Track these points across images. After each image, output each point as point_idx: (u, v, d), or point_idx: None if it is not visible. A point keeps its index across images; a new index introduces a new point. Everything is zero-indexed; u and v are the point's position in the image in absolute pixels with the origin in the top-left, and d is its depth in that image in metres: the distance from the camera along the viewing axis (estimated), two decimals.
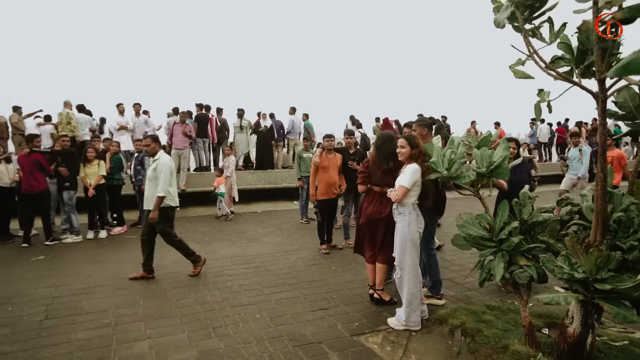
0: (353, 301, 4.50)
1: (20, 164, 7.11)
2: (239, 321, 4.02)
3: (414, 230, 3.80)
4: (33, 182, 7.01)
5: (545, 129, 17.21)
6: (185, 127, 10.85)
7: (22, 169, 7.09)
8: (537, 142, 17.31)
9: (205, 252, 6.60)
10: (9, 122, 10.19)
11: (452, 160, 3.57)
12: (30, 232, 7.29)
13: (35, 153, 7.11)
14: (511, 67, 3.30)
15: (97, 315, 4.22)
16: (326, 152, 6.49)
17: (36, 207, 7.17)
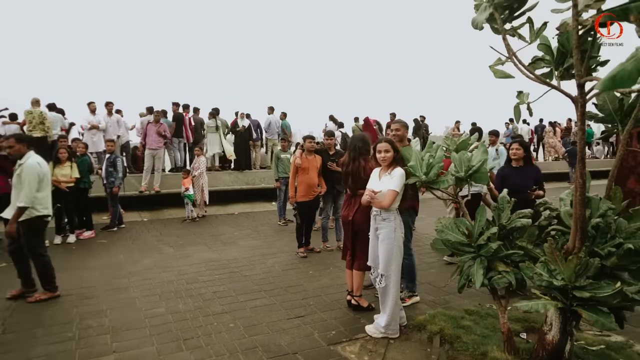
0: (330, 307, 4.39)
1: None
2: (211, 332, 3.85)
3: (399, 235, 3.71)
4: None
5: (526, 129, 17.49)
6: (160, 126, 10.56)
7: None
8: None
9: (179, 256, 6.41)
10: None
11: (431, 165, 3.48)
12: None
13: None
14: (491, 67, 3.24)
15: (60, 327, 3.99)
16: (306, 153, 6.38)
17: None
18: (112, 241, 7.48)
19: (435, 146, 3.76)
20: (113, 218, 8.32)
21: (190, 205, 9.39)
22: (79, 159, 7.67)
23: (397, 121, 4.43)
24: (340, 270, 5.62)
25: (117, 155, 8.27)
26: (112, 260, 6.28)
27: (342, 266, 5.77)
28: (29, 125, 9.42)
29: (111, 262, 6.15)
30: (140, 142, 10.95)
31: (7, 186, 6.81)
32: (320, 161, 6.47)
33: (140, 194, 10.31)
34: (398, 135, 4.28)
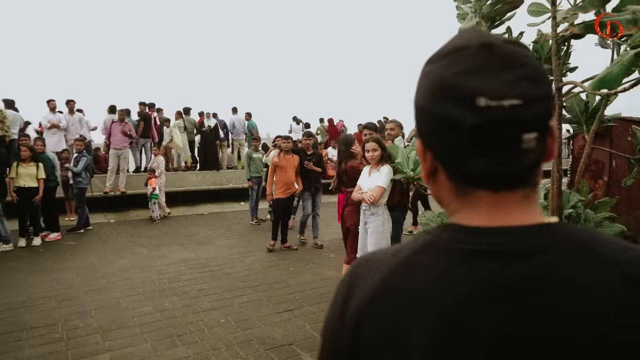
0: (317, 301, 4.53)
1: None
2: (203, 327, 3.90)
3: (387, 229, 3.91)
4: None
5: None
6: (125, 125, 10.30)
7: None
8: None
9: (155, 256, 6.34)
10: None
11: (417, 162, 3.71)
12: None
13: None
14: None
15: (44, 329, 3.90)
16: (284, 152, 6.57)
17: None
18: (81, 243, 7.26)
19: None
20: (80, 219, 8.05)
21: (156, 205, 9.25)
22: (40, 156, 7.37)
23: (392, 121, 4.65)
24: (320, 266, 5.77)
25: (84, 154, 8.01)
26: (84, 262, 6.12)
27: (322, 262, 5.95)
28: None
29: (84, 264, 6.00)
30: (105, 141, 10.63)
31: None
32: (298, 160, 6.66)
33: (105, 194, 10.01)
34: (392, 135, 4.49)
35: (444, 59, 0.56)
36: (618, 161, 5.96)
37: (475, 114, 0.52)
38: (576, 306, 0.51)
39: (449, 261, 0.56)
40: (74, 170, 7.82)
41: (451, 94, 0.54)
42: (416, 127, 0.62)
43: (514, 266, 0.53)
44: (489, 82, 0.52)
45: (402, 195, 4.26)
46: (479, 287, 0.53)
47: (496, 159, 0.54)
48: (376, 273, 0.60)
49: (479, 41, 0.55)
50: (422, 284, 0.56)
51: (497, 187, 0.56)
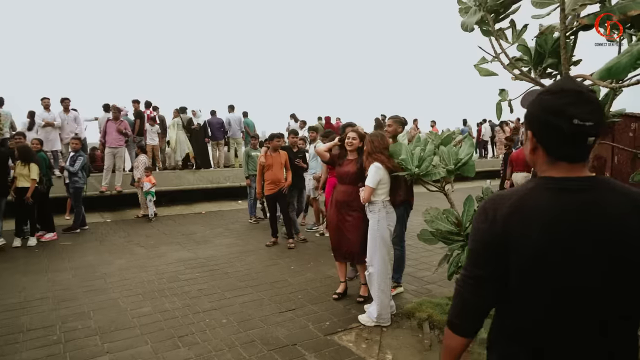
0: (319, 300, 4.47)
1: None
2: (205, 328, 3.83)
3: (383, 227, 3.85)
4: None
5: (488, 127, 18.42)
6: (120, 124, 10.18)
7: None
8: (480, 140, 18.52)
9: (153, 256, 6.26)
10: None
11: (422, 158, 3.65)
12: None
13: None
14: (476, 66, 3.45)
15: (42, 331, 3.82)
16: (271, 150, 6.70)
17: None
18: (78, 243, 7.16)
19: (424, 140, 3.95)
20: (76, 219, 7.94)
21: (152, 203, 9.17)
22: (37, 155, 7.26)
23: (391, 117, 4.58)
24: (321, 265, 5.71)
25: (81, 153, 7.89)
26: (81, 262, 6.03)
27: (323, 261, 5.89)
28: None
29: (81, 264, 5.90)
30: (100, 140, 10.49)
31: None
32: (286, 157, 6.81)
33: (101, 194, 9.89)
34: (390, 132, 4.42)
35: (556, 95, 1.15)
36: (620, 157, 5.94)
37: (571, 127, 1.10)
38: (608, 218, 1.11)
39: (548, 194, 1.15)
40: (71, 169, 7.70)
41: (560, 114, 1.11)
42: (528, 126, 1.22)
43: (579, 195, 1.14)
44: (580, 111, 1.09)
45: (406, 192, 4.20)
46: (562, 206, 1.13)
47: (575, 148, 1.15)
48: (509, 200, 1.19)
49: (575, 89, 1.14)
50: (535, 204, 1.15)
51: (572, 160, 1.16)
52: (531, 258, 1.12)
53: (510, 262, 1.15)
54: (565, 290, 1.11)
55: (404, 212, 4.44)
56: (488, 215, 1.20)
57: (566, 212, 1.12)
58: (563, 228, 1.11)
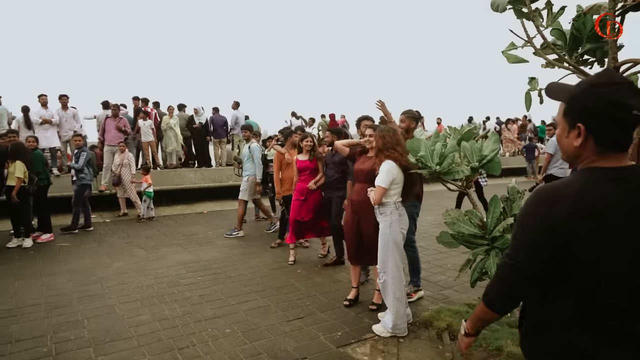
0: (329, 307, 4.18)
1: None
2: (207, 339, 3.54)
3: (396, 231, 3.55)
4: None
5: (494, 125, 18.06)
6: (119, 121, 9.91)
7: None
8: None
9: (153, 258, 5.98)
10: None
11: (443, 155, 3.35)
12: None
13: None
14: (504, 52, 3.16)
15: (31, 342, 3.53)
16: (289, 147, 6.40)
17: None
18: (75, 244, 6.88)
19: (443, 135, 3.66)
20: (75, 219, 7.66)
21: (149, 202, 8.92)
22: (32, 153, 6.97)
23: (403, 112, 4.29)
24: (329, 269, 5.42)
25: (84, 149, 7.62)
26: (78, 265, 5.75)
27: (329, 265, 5.59)
28: None
29: (78, 267, 5.62)
30: (99, 138, 10.23)
31: None
32: None
33: (101, 193, 9.64)
34: (402, 127, 4.13)
35: (612, 87, 1.19)
36: None
37: (632, 118, 1.17)
38: None
39: (601, 182, 1.20)
40: (75, 167, 7.45)
41: (623, 106, 1.17)
42: (579, 119, 1.23)
43: (625, 182, 1.20)
44: (636, 102, 1.17)
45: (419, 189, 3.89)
46: (614, 192, 1.18)
47: (628, 138, 1.23)
48: (568, 192, 1.20)
49: (625, 80, 1.21)
50: (600, 196, 1.18)
51: (623, 150, 1.23)
52: (610, 249, 1.16)
53: (577, 255, 1.18)
54: None
55: (413, 209, 4.15)
56: (547, 209, 1.20)
57: (633, 200, 1.17)
58: (616, 210, 1.16)
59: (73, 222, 7.65)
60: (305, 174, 5.58)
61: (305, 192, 5.52)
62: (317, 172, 5.56)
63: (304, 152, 5.60)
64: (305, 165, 5.57)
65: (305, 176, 5.56)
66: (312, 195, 5.54)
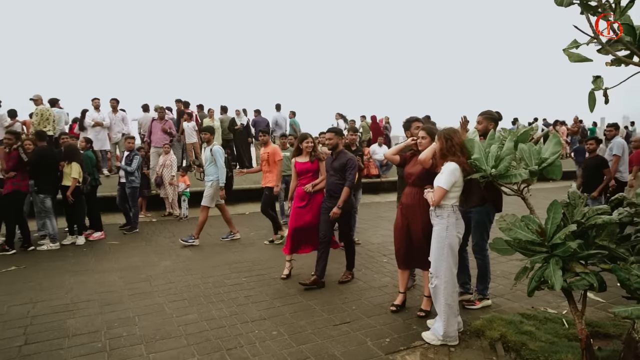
0: (375, 312, 4.10)
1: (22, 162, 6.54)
2: (254, 340, 3.54)
3: (452, 234, 3.42)
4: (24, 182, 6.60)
5: (541, 127, 17.44)
6: (165, 123, 10.21)
7: (21, 167, 6.54)
8: None
9: (198, 258, 6.10)
10: None
11: (499, 157, 3.21)
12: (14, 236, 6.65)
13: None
14: (565, 51, 2.99)
15: (87, 337, 3.66)
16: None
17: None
18: (124, 243, 7.12)
19: (498, 137, 3.51)
20: (134, 218, 7.94)
21: (186, 203, 9.16)
22: (83, 154, 7.29)
23: (481, 113, 4.13)
24: (373, 272, 5.34)
25: (136, 152, 7.88)
26: (127, 263, 5.94)
27: (374, 268, 5.52)
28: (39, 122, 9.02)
29: (127, 265, 5.81)
30: (145, 140, 10.57)
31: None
32: None
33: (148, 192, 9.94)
34: (480, 130, 3.98)
35: None
36: None
37: None
38: None
39: None
40: (128, 169, 7.70)
41: None
42: None
43: None
44: None
45: (486, 193, 3.70)
46: None
47: None
48: None
49: None
50: None
51: None
52: None
53: None
54: None
55: (485, 217, 4.00)
56: None
57: None
58: None
59: (133, 221, 7.93)
60: (307, 177, 5.14)
61: (307, 198, 5.06)
62: (318, 175, 5.17)
63: (304, 154, 5.21)
64: (306, 168, 5.16)
65: (307, 179, 5.13)
66: (314, 199, 5.05)
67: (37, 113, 9.26)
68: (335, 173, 4.80)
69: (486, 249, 4.10)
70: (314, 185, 5.05)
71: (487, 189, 3.69)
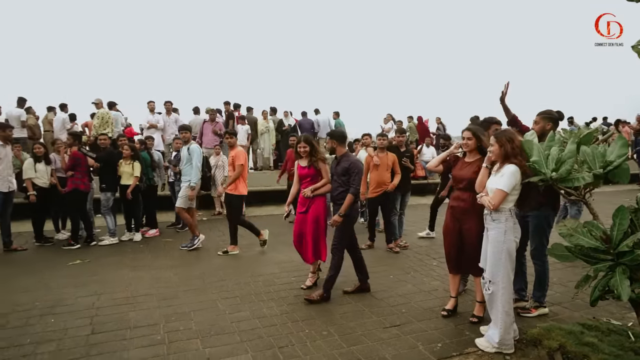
0: (426, 317, 4.05)
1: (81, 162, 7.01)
2: (305, 339, 3.59)
3: (510, 239, 3.33)
4: (84, 180, 7.08)
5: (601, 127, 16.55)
6: (216, 125, 10.52)
7: (79, 167, 6.99)
8: None
9: (247, 257, 6.27)
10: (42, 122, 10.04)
11: (560, 160, 3.09)
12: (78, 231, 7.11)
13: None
14: (634, 47, 2.85)
15: (147, 329, 3.85)
16: (378, 151, 6.51)
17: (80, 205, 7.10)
18: (178, 240, 7.41)
19: (558, 138, 3.37)
20: None
21: None
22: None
23: (539, 113, 4.00)
24: (422, 275, 5.27)
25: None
26: (181, 260, 6.18)
27: (423, 271, 5.45)
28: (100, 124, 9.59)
29: (181, 262, 6.05)
30: (197, 141, 10.94)
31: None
32: (394, 158, 6.51)
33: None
34: (537, 130, 3.86)
35: None
36: None
37: None
38: None
39: None
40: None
41: None
42: None
43: None
44: None
45: (544, 196, 3.58)
46: None
47: None
48: None
49: None
50: None
51: None
52: None
53: None
54: None
55: (543, 222, 3.87)
56: None
57: None
58: None
59: (177, 219, 8.27)
60: (305, 182, 4.81)
61: (307, 203, 4.75)
62: (317, 180, 4.77)
63: (304, 157, 4.85)
64: (305, 172, 4.81)
65: (305, 184, 4.81)
66: (314, 206, 4.74)
67: (98, 116, 9.84)
68: (338, 178, 4.53)
69: (545, 255, 3.95)
70: (313, 189, 4.72)
71: (545, 193, 3.56)
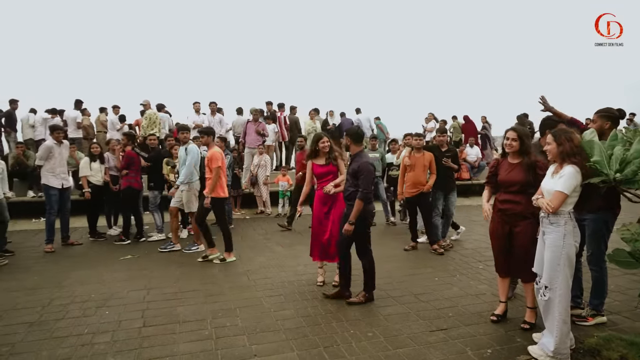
0: (474, 321, 3.93)
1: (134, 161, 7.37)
2: (350, 340, 3.57)
3: (570, 243, 3.16)
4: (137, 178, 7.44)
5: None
6: (259, 125, 10.67)
7: (133, 166, 7.35)
8: None
9: (290, 256, 6.32)
10: (95, 122, 10.53)
11: (625, 160, 2.91)
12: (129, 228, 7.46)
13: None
14: None
15: (195, 324, 3.95)
16: (415, 151, 6.49)
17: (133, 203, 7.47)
18: (221, 238, 7.53)
19: (621, 137, 3.18)
20: (228, 215, 8.45)
21: (283, 201, 9.70)
22: None
23: (597, 111, 3.79)
24: (468, 279, 5.13)
25: (227, 152, 8.38)
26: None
27: (470, 274, 5.31)
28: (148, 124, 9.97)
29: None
30: (240, 140, 11.15)
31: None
32: (431, 158, 6.43)
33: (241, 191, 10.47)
34: (595, 129, 3.66)
35: None
36: None
37: None
38: None
39: None
40: None
41: None
42: None
43: None
44: None
45: (603, 199, 3.39)
46: None
47: None
48: None
49: None
50: None
51: None
52: None
53: None
54: None
55: (602, 225, 3.67)
56: None
57: None
58: None
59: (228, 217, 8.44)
60: (327, 180, 4.80)
61: (330, 201, 4.77)
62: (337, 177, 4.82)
63: (321, 155, 4.88)
64: (325, 170, 4.83)
65: (327, 182, 4.78)
66: (336, 205, 4.72)
67: (146, 117, 10.21)
68: (350, 178, 4.37)
69: (604, 261, 3.73)
70: (336, 184, 4.70)
71: (604, 195, 3.36)
